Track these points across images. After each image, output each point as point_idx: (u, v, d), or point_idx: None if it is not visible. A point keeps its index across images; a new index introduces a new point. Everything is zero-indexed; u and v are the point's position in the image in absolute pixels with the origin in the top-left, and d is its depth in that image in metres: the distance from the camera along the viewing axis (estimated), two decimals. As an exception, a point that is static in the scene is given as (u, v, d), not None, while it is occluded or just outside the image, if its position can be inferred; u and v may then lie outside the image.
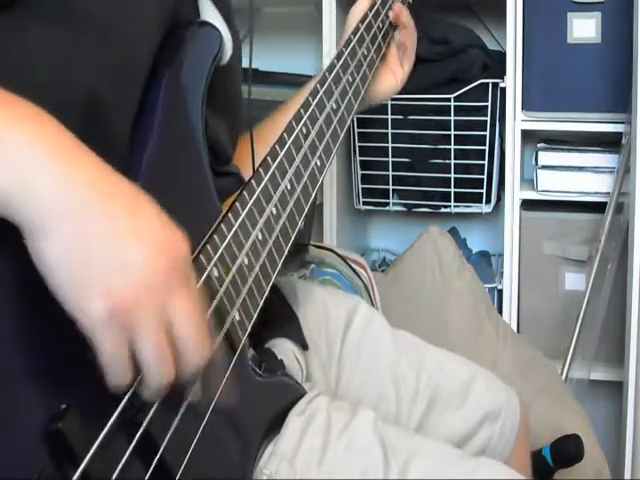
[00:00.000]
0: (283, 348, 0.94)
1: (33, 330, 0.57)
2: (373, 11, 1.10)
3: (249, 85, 0.89)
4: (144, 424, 0.60)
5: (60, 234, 0.53)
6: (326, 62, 1.84)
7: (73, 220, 0.54)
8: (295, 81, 1.95)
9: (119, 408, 0.58)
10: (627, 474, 1.74)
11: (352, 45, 1.04)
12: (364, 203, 2.03)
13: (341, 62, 1.00)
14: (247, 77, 0.90)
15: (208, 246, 0.68)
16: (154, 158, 0.71)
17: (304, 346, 0.98)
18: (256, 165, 0.89)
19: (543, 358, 1.68)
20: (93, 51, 0.68)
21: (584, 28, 1.79)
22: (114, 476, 0.57)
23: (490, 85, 1.87)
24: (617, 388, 1.83)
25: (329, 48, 1.87)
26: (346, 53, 1.02)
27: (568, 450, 1.38)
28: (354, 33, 1.06)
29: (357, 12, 1.10)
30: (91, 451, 0.55)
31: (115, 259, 0.55)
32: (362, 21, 1.08)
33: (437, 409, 1.03)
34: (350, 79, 1.01)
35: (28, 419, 0.55)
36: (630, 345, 1.70)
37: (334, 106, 0.96)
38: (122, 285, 0.54)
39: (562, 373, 1.70)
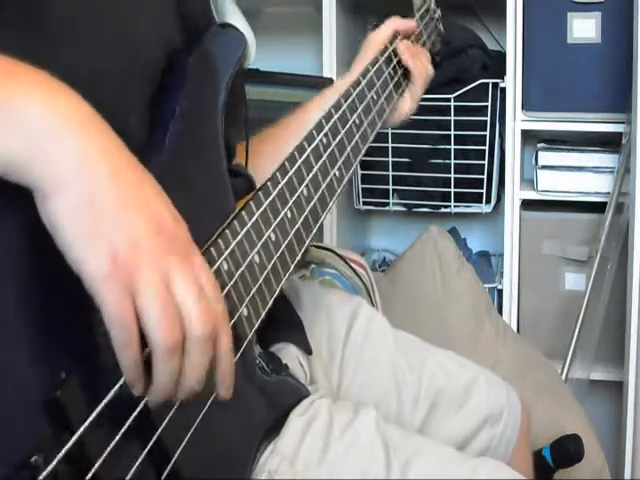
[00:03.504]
0: (287, 353, 0.94)
1: (35, 299, 0.57)
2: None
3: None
4: (143, 401, 0.60)
5: (71, 194, 0.55)
6: (326, 62, 1.86)
7: (84, 184, 0.56)
8: (295, 81, 1.95)
9: (120, 382, 0.58)
10: (627, 474, 1.74)
11: (379, 64, 1.06)
12: (364, 203, 2.03)
13: (367, 79, 1.01)
14: (246, 76, 0.90)
15: (219, 240, 0.69)
16: (173, 154, 0.71)
17: (308, 351, 0.98)
18: (262, 166, 0.90)
19: (543, 358, 1.68)
20: (92, 52, 0.68)
21: (584, 28, 1.79)
22: (108, 450, 0.57)
23: (490, 85, 1.87)
24: (617, 388, 1.83)
25: (329, 48, 1.87)
26: (372, 71, 1.03)
27: (568, 450, 1.38)
28: (381, 53, 1.07)
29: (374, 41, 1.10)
30: (88, 421, 0.55)
31: (120, 223, 0.56)
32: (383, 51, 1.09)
33: (439, 412, 1.03)
34: (375, 97, 1.02)
35: (28, 388, 0.56)
36: (630, 345, 1.70)
37: (357, 121, 0.97)
38: (126, 244, 0.56)
39: (562, 373, 1.70)
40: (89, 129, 0.57)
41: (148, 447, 0.61)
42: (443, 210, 1.99)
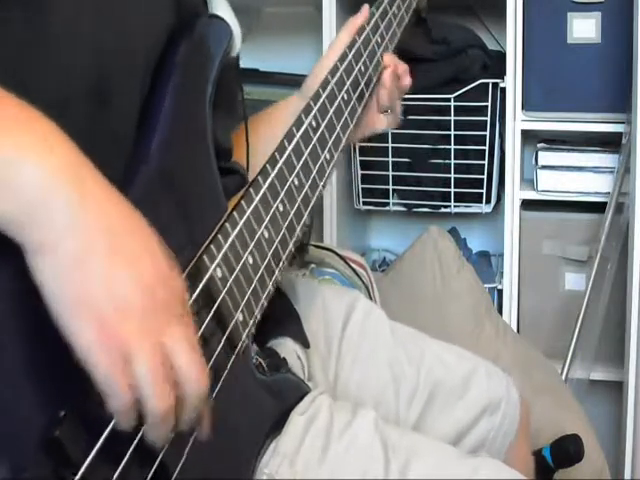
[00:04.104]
0: (285, 347, 0.94)
1: (34, 336, 0.56)
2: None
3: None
4: (142, 429, 0.59)
5: (59, 254, 0.53)
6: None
7: (72, 242, 0.54)
8: (295, 81, 1.94)
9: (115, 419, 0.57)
10: (627, 474, 1.74)
11: (366, 34, 1.03)
12: (364, 203, 2.03)
13: (352, 52, 0.98)
14: (246, 76, 0.89)
15: (212, 246, 0.68)
16: (161, 152, 0.70)
17: (305, 344, 0.98)
18: (250, 160, 0.89)
19: (543, 358, 1.68)
20: (87, 40, 0.67)
21: (584, 28, 1.79)
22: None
23: (490, 85, 1.86)
24: (617, 388, 1.83)
25: (329, 48, 1.87)
26: (359, 41, 1.01)
27: (568, 450, 1.37)
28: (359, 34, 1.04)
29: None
30: (89, 459, 0.55)
31: (109, 286, 0.54)
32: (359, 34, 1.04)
33: (436, 403, 1.02)
34: (362, 69, 1.00)
35: (26, 425, 0.55)
36: (630, 345, 1.69)
37: (345, 97, 0.94)
38: (115, 310, 0.54)
39: (562, 373, 1.70)
40: (81, 184, 0.55)
41: (152, 471, 0.61)
42: (443, 210, 1.99)
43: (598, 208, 1.83)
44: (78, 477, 0.54)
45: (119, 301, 0.54)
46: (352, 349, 1.04)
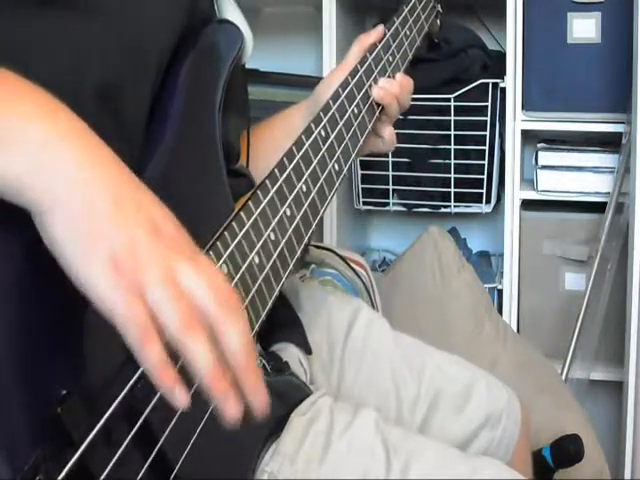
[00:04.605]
0: (288, 353, 0.94)
1: (37, 315, 0.57)
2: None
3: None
4: (145, 412, 0.60)
5: (68, 205, 0.55)
6: (326, 62, 1.86)
7: (80, 194, 0.56)
8: (295, 81, 1.95)
9: (120, 396, 0.58)
10: (627, 474, 1.74)
11: (377, 51, 1.04)
12: (364, 203, 2.03)
13: (364, 68, 1.00)
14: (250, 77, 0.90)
15: (218, 243, 0.68)
16: (170, 151, 0.71)
17: (308, 351, 0.98)
18: (250, 165, 0.89)
19: (543, 358, 1.68)
20: (99, 38, 0.68)
21: (584, 28, 1.79)
22: (110, 465, 0.57)
23: (490, 85, 1.87)
24: (617, 388, 1.83)
25: (329, 48, 1.87)
26: (370, 58, 1.02)
27: (568, 450, 1.38)
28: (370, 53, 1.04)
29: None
30: (89, 438, 0.55)
31: (118, 228, 0.56)
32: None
33: (438, 414, 1.02)
34: (374, 84, 1.01)
35: (29, 403, 0.56)
36: (630, 345, 1.70)
37: (355, 110, 0.95)
38: (126, 247, 0.56)
39: (562, 373, 1.70)
40: (87, 142, 0.58)
41: (151, 457, 0.61)
42: (443, 210, 1.99)
43: (598, 208, 1.83)
44: (77, 455, 0.55)
45: (129, 237, 0.56)
46: (354, 358, 1.04)
